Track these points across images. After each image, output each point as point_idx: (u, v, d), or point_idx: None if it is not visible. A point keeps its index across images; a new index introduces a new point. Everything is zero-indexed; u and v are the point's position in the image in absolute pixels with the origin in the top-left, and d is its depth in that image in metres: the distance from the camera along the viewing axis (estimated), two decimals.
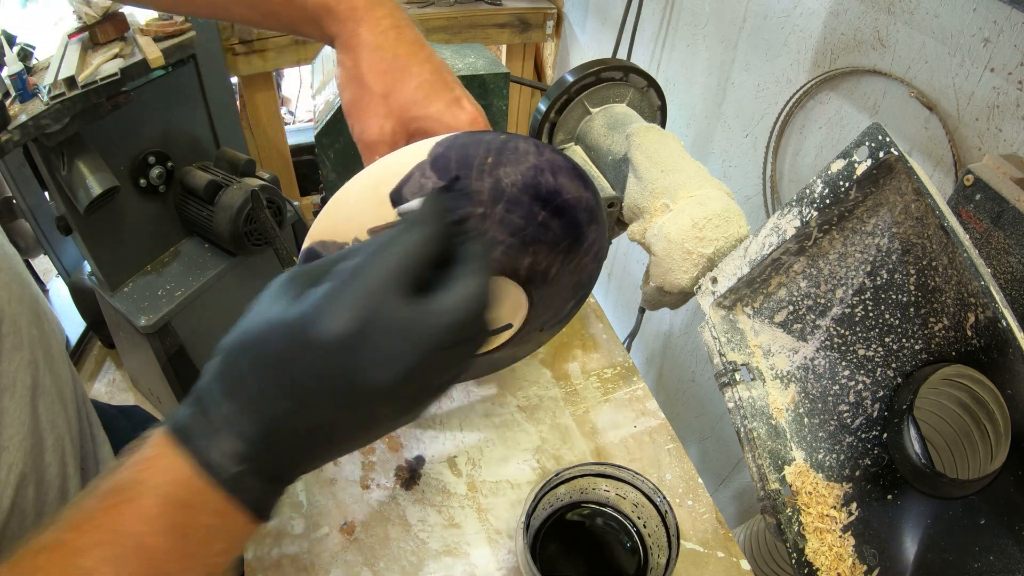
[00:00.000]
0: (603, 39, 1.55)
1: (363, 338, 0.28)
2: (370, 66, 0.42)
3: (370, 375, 0.28)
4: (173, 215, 1.44)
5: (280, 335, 0.30)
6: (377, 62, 0.42)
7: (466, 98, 0.43)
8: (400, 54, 0.42)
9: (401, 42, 0.42)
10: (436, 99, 0.41)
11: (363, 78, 0.42)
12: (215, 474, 0.29)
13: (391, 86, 0.42)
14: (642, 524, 0.51)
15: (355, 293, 0.29)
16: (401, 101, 0.42)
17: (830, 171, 0.45)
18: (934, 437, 0.47)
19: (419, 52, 0.42)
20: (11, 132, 0.98)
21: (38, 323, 0.47)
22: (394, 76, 0.42)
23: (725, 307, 0.55)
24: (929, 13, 0.73)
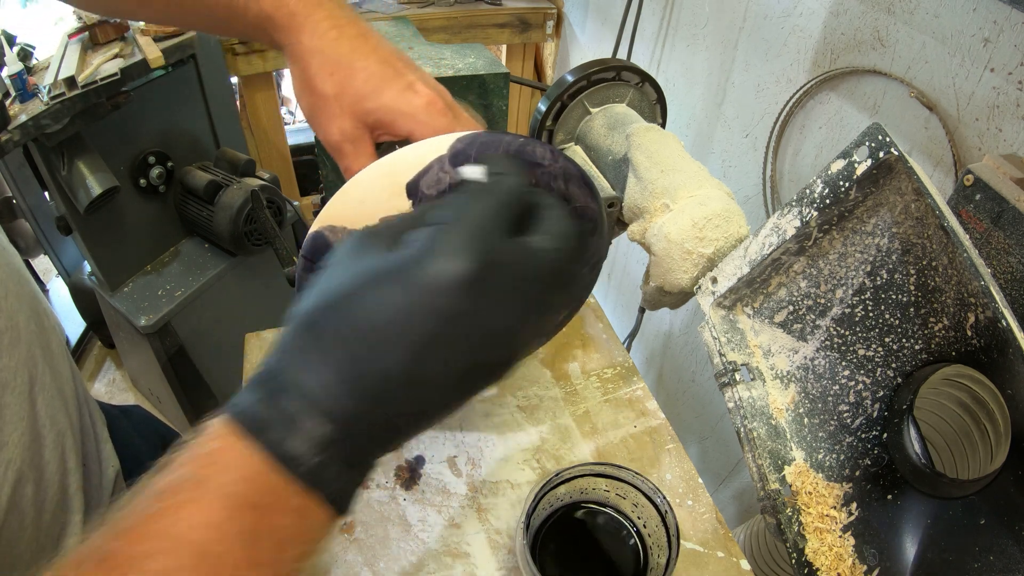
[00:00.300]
0: (603, 39, 1.55)
1: (486, 276, 0.26)
2: (317, 71, 0.42)
3: (496, 314, 0.27)
4: (173, 215, 1.44)
5: (385, 283, 0.26)
6: (322, 66, 0.42)
7: (420, 81, 0.42)
8: (343, 52, 0.42)
9: (342, 40, 0.42)
10: (387, 88, 0.41)
11: (312, 84, 0.42)
12: (294, 468, 0.25)
13: (340, 86, 0.41)
14: (642, 524, 0.51)
15: (467, 232, 0.27)
16: (352, 98, 0.41)
17: (830, 171, 0.45)
18: (934, 437, 0.47)
19: (362, 47, 0.42)
20: (11, 132, 0.98)
21: (37, 320, 0.47)
22: (340, 75, 0.41)
23: (725, 307, 0.55)
24: (929, 13, 0.73)
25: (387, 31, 0.74)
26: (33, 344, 0.45)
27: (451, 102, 0.43)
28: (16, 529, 0.41)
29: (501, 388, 0.68)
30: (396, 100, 0.41)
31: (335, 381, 0.26)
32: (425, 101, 0.41)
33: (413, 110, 0.40)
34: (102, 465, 0.55)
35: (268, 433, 0.26)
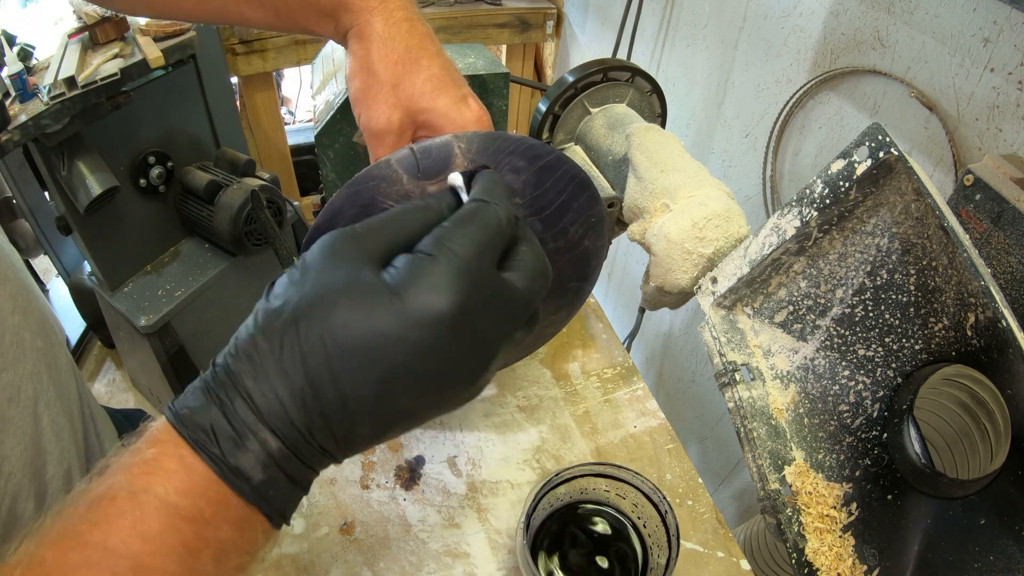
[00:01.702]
0: (603, 39, 1.55)
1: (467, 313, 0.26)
2: (381, 56, 0.42)
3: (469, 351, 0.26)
4: (173, 215, 1.44)
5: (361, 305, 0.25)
6: (388, 52, 0.42)
7: (472, 97, 0.43)
8: (411, 46, 0.42)
9: (413, 34, 0.42)
10: (444, 94, 0.42)
11: (373, 67, 0.42)
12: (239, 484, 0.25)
13: (401, 76, 0.42)
14: (642, 524, 0.51)
15: (455, 267, 0.26)
16: (409, 92, 0.42)
17: (830, 171, 0.45)
18: (934, 437, 0.47)
19: (430, 46, 0.43)
20: (11, 132, 0.98)
21: (44, 334, 0.47)
22: (404, 67, 0.42)
23: (725, 307, 0.55)
24: (929, 13, 0.73)
25: None
26: (39, 361, 0.45)
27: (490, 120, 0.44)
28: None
29: (501, 388, 0.68)
30: (450, 108, 0.41)
31: (289, 398, 0.25)
32: (475, 116, 0.42)
33: (464, 122, 0.41)
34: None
35: (214, 446, 0.25)
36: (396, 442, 0.62)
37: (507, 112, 0.68)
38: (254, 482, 0.25)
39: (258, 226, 1.37)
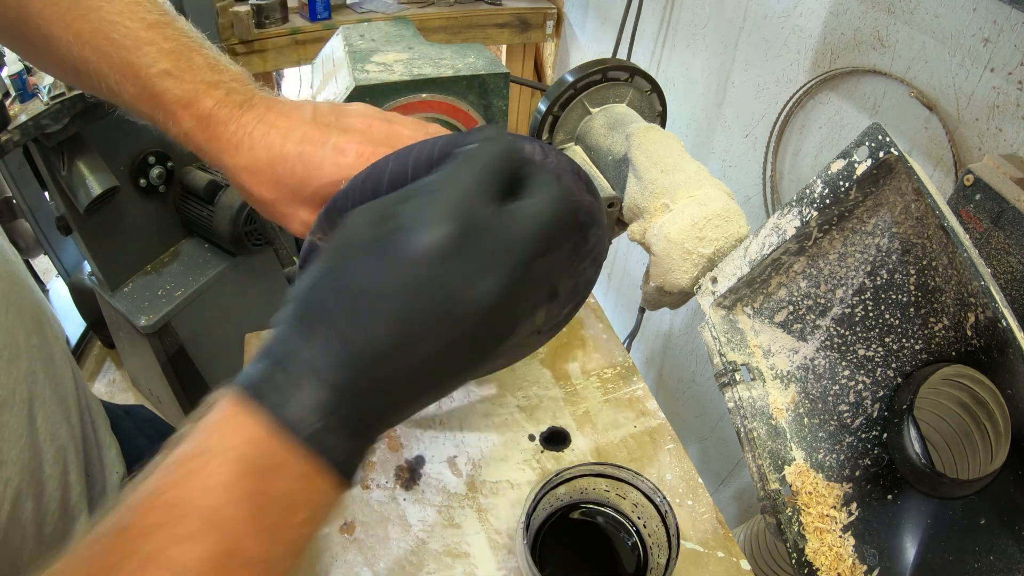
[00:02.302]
0: (603, 39, 1.55)
1: (462, 244, 0.27)
2: (250, 184, 0.40)
3: (473, 284, 0.27)
4: (173, 215, 1.44)
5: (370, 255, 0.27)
6: (251, 176, 0.40)
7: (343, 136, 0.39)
8: (260, 157, 0.39)
9: (256, 146, 0.39)
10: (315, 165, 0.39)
11: (253, 196, 0.41)
12: (295, 432, 0.26)
13: (274, 189, 0.40)
14: (642, 524, 0.51)
15: (447, 201, 0.27)
16: (291, 193, 0.40)
17: (830, 171, 0.45)
18: (934, 437, 0.47)
19: (275, 138, 0.39)
20: (11, 132, 0.98)
21: (39, 331, 0.46)
22: (269, 180, 0.40)
23: (725, 307, 0.55)
24: (929, 13, 0.73)
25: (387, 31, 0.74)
26: (34, 359, 0.44)
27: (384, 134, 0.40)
28: (17, 543, 0.41)
29: (501, 388, 0.68)
30: (327, 173, 0.39)
31: (328, 350, 0.27)
32: (353, 158, 0.38)
33: (347, 172, 0.38)
34: (105, 472, 0.54)
35: (268, 399, 0.26)
36: (396, 442, 0.62)
37: (507, 112, 0.68)
38: (309, 431, 0.26)
39: (258, 226, 1.37)
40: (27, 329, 0.44)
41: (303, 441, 0.26)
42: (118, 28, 0.40)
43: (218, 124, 0.40)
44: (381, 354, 0.27)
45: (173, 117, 0.41)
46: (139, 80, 0.40)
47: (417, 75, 0.63)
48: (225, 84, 0.41)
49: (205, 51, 0.42)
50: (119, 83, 0.41)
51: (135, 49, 0.40)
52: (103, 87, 0.42)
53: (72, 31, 0.41)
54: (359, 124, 0.40)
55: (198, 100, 0.40)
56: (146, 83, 0.40)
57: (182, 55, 0.41)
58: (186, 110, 0.40)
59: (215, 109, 0.40)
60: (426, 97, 0.65)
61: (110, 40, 0.40)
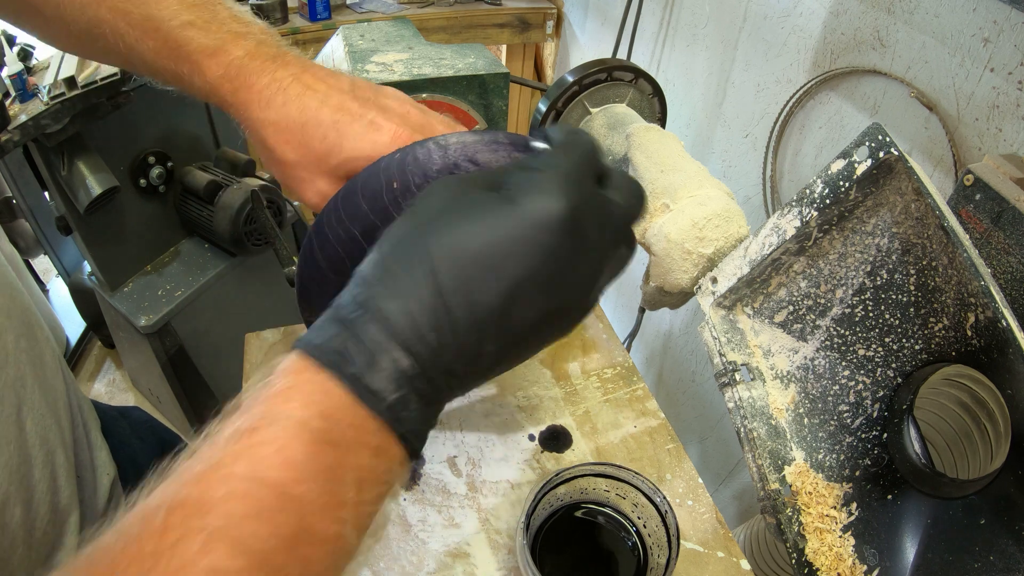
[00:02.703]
0: (603, 39, 1.55)
1: (579, 217, 0.27)
2: (275, 142, 0.39)
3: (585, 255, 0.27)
4: (173, 215, 1.44)
5: (487, 214, 0.26)
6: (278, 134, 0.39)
7: (381, 115, 0.38)
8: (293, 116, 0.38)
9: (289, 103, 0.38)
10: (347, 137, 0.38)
11: (274, 155, 0.40)
12: (375, 403, 0.24)
13: (300, 151, 0.39)
14: (642, 524, 0.51)
15: (564, 177, 0.27)
16: (315, 158, 0.39)
17: (830, 171, 0.45)
18: (934, 437, 0.47)
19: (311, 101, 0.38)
20: (11, 132, 0.98)
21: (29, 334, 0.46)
22: (296, 141, 0.39)
23: (725, 307, 0.55)
24: (929, 13, 0.73)
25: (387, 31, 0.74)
26: (23, 363, 0.44)
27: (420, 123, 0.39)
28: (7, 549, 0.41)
29: (501, 388, 0.68)
30: (360, 146, 0.38)
31: (419, 311, 0.25)
32: (390, 137, 0.38)
33: (380, 149, 0.38)
34: (96, 473, 0.54)
35: (347, 366, 0.25)
36: None
37: (507, 112, 0.68)
38: (389, 401, 0.25)
39: (258, 226, 1.37)
40: (16, 333, 0.44)
41: (382, 413, 0.25)
42: None
43: (249, 74, 0.39)
44: (483, 318, 0.26)
45: (198, 67, 0.39)
46: (160, 33, 0.39)
47: (417, 75, 0.63)
48: (254, 35, 0.40)
49: (228, 5, 0.41)
50: (139, 39, 0.39)
51: (155, 3, 0.39)
52: (120, 46, 0.40)
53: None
54: (397, 107, 0.40)
55: (225, 49, 0.39)
56: (168, 35, 0.39)
57: (205, 7, 0.40)
58: (212, 59, 0.39)
59: (246, 59, 0.39)
60: (426, 97, 0.65)
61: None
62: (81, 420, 0.53)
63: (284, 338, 0.72)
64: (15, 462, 0.41)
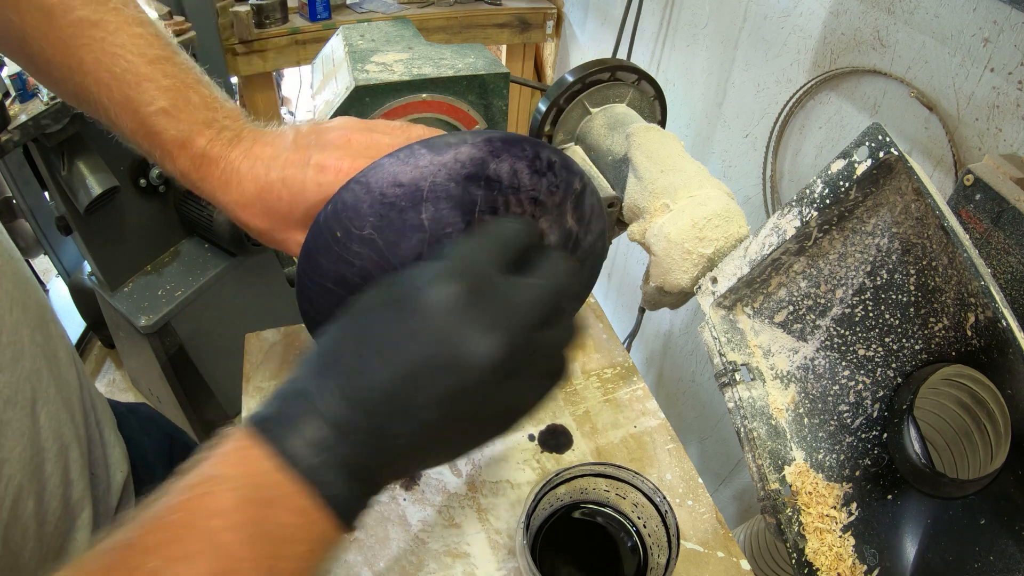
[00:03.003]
0: (603, 39, 1.55)
1: (469, 303, 0.29)
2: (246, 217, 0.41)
3: (476, 342, 0.28)
4: (173, 215, 1.44)
5: (384, 304, 0.30)
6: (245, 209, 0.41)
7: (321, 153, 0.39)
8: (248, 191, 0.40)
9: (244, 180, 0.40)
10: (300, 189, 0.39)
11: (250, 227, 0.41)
12: (293, 465, 0.27)
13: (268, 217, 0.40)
14: (642, 524, 0.51)
15: (459, 263, 0.30)
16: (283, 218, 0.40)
17: (830, 171, 0.45)
18: (934, 437, 0.47)
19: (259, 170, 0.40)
20: (11, 132, 0.98)
21: (43, 329, 0.46)
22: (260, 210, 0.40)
23: (725, 307, 0.55)
24: (929, 13, 0.73)
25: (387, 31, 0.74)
26: (38, 357, 0.44)
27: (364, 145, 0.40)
28: (19, 541, 0.41)
29: None
30: (310, 193, 0.39)
31: (333, 388, 0.28)
32: (333, 175, 0.39)
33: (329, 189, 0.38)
34: (109, 471, 0.54)
35: (272, 432, 0.28)
36: None
37: (507, 112, 0.68)
38: (306, 465, 0.27)
39: None
40: (32, 327, 0.44)
41: (300, 475, 0.27)
42: (119, 62, 0.41)
43: (209, 163, 0.41)
44: (383, 396, 0.28)
45: (170, 156, 0.42)
46: (138, 116, 0.41)
47: (417, 75, 0.63)
48: (218, 122, 0.42)
49: (202, 88, 0.43)
50: (119, 116, 0.42)
51: (135, 85, 0.41)
52: (102, 116, 0.43)
53: (75, 59, 0.41)
54: (338, 139, 0.40)
55: (192, 140, 0.41)
56: (144, 120, 0.41)
57: (180, 93, 0.41)
58: (182, 150, 0.41)
59: (207, 148, 0.41)
60: (426, 97, 0.65)
61: (111, 73, 0.41)
62: (95, 417, 0.53)
63: (284, 338, 0.72)
64: (28, 454, 0.42)
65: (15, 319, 0.42)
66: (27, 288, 0.46)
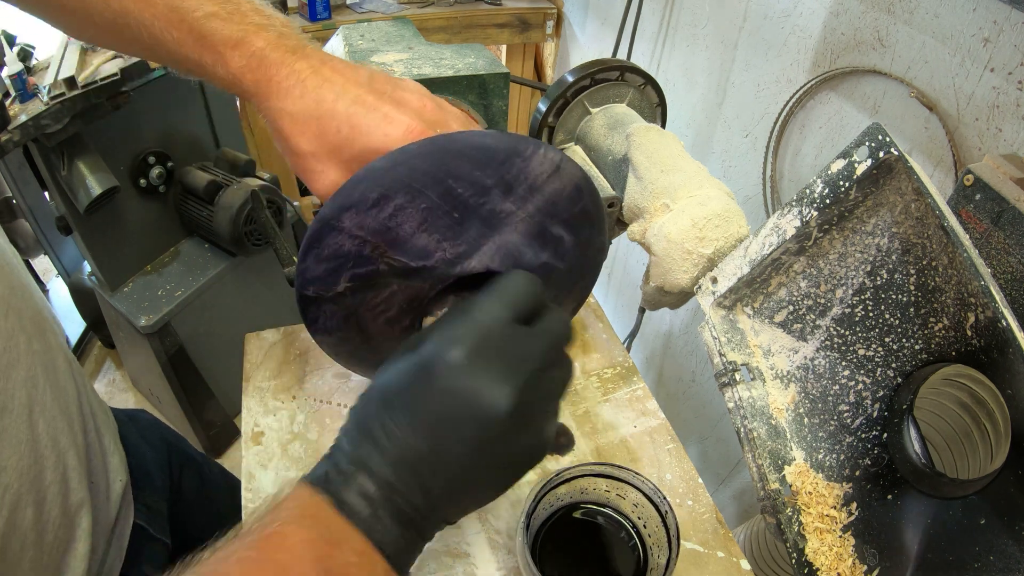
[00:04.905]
0: (603, 39, 1.55)
1: (478, 359, 0.31)
2: (291, 131, 0.40)
3: (489, 394, 0.31)
4: (173, 215, 1.44)
5: (405, 372, 0.32)
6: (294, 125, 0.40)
7: (396, 108, 0.39)
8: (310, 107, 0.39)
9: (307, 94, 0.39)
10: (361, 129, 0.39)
11: (290, 144, 0.41)
12: (350, 513, 0.30)
13: (315, 142, 0.40)
14: (642, 524, 0.51)
15: (470, 324, 0.33)
16: (330, 149, 0.40)
17: (830, 171, 0.45)
18: (934, 437, 0.47)
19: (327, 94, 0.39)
20: (11, 132, 0.98)
21: (41, 336, 0.46)
22: (312, 131, 0.39)
23: (725, 307, 0.55)
24: (929, 13, 0.73)
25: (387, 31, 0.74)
26: (34, 364, 0.44)
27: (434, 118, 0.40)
28: (17, 551, 0.41)
29: None
30: (373, 139, 0.39)
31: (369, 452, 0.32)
32: (403, 131, 0.38)
33: (392, 143, 0.38)
34: (109, 478, 0.54)
35: (331, 485, 0.31)
36: None
37: (507, 112, 0.68)
38: (362, 515, 0.30)
39: (258, 226, 1.37)
40: (28, 334, 0.44)
41: (357, 523, 0.30)
42: None
43: (270, 65, 0.40)
44: (419, 456, 0.31)
45: (221, 58, 0.40)
46: (184, 24, 0.40)
47: (417, 75, 0.63)
48: (275, 28, 0.41)
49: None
50: (163, 30, 0.40)
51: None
52: (144, 37, 0.41)
53: None
54: (414, 101, 0.40)
55: (248, 40, 0.39)
56: (192, 26, 0.40)
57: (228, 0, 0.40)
58: (235, 50, 0.40)
59: (267, 50, 0.40)
60: None
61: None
62: (94, 425, 0.53)
63: (284, 338, 0.72)
64: (26, 463, 0.42)
65: (10, 326, 0.42)
66: (24, 294, 0.45)
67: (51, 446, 0.44)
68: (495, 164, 0.37)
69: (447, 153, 0.37)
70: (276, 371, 0.68)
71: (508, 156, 0.38)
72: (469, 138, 0.37)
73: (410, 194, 0.37)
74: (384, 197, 0.37)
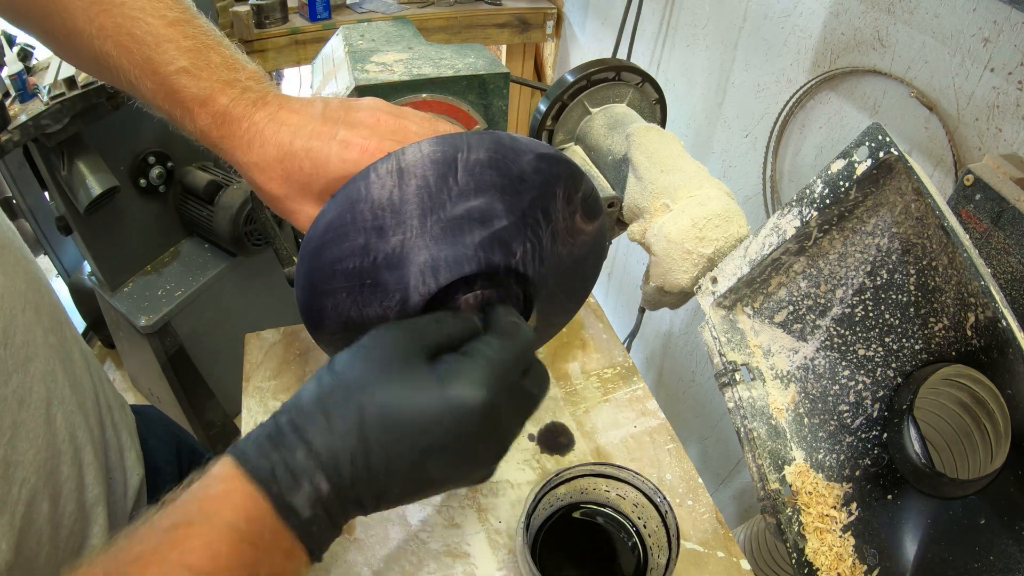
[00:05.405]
0: (603, 39, 1.55)
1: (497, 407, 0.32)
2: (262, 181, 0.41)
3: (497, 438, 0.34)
4: (173, 215, 1.44)
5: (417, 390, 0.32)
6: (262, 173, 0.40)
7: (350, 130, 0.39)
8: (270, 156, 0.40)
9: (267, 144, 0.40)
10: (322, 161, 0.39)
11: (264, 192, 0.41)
12: (291, 518, 0.30)
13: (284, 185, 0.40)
14: (642, 524, 0.51)
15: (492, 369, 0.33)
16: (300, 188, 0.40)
17: (830, 171, 0.45)
18: (934, 437, 0.47)
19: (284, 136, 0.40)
20: (11, 132, 0.98)
21: (58, 331, 0.46)
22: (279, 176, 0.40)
23: (725, 307, 0.55)
24: (929, 13, 0.73)
25: (387, 31, 0.74)
26: (52, 358, 0.44)
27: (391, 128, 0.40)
28: (33, 547, 0.41)
29: None
30: (332, 167, 0.39)
31: (343, 453, 0.31)
32: (358, 152, 0.39)
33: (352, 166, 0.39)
34: (126, 475, 0.54)
35: (274, 485, 0.30)
36: None
37: (507, 112, 0.68)
38: (302, 518, 0.30)
39: (258, 226, 1.37)
40: (45, 328, 0.44)
41: (295, 527, 0.30)
42: (139, 24, 0.41)
43: (232, 122, 0.41)
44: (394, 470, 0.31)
45: (190, 114, 0.41)
46: (158, 77, 0.41)
47: (417, 75, 0.63)
48: (240, 82, 0.41)
49: (223, 49, 0.43)
50: (139, 78, 0.42)
51: (155, 46, 0.41)
52: (123, 81, 0.43)
53: (95, 25, 0.41)
54: (367, 119, 0.40)
55: (214, 98, 0.40)
56: (164, 80, 0.41)
57: (200, 53, 0.41)
58: (202, 108, 0.41)
59: (230, 107, 0.40)
60: (426, 97, 0.65)
61: (131, 36, 0.41)
62: (111, 421, 0.53)
63: (284, 338, 0.72)
64: (43, 456, 0.42)
65: (28, 319, 0.42)
66: (40, 289, 0.45)
67: (68, 440, 0.44)
68: (352, 229, 0.37)
69: (317, 256, 0.38)
70: (276, 371, 0.68)
71: (354, 213, 0.37)
72: (317, 227, 0.38)
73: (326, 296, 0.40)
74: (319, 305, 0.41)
